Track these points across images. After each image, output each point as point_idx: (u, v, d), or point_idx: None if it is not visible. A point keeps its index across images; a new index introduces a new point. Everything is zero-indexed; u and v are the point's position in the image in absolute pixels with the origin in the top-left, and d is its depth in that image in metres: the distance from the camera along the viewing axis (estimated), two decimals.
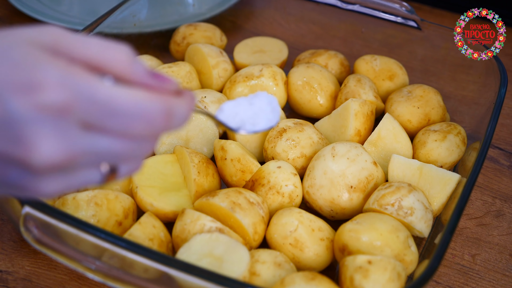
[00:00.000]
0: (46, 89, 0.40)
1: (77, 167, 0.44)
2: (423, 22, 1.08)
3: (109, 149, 0.44)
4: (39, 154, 0.41)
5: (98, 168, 0.46)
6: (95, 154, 0.44)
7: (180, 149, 0.85)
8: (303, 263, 0.76)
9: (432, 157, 0.89)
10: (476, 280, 0.81)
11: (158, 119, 0.45)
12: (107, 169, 0.47)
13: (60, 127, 0.41)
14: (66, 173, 0.44)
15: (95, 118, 0.43)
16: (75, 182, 0.46)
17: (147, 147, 0.47)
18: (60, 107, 0.41)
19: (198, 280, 0.60)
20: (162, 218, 0.79)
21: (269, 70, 1.00)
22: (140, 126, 0.44)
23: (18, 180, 0.44)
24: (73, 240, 0.67)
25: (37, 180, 0.43)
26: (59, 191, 0.45)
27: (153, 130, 0.45)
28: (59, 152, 0.41)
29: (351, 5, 1.12)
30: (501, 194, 0.94)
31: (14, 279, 0.77)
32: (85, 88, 0.42)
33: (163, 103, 0.45)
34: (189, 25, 1.14)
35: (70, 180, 0.45)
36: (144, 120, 0.44)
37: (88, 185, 0.47)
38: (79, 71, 0.42)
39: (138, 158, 0.49)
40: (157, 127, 0.45)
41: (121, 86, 0.44)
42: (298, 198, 0.83)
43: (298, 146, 0.87)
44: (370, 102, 0.95)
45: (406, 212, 0.76)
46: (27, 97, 0.40)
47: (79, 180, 0.46)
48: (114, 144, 0.44)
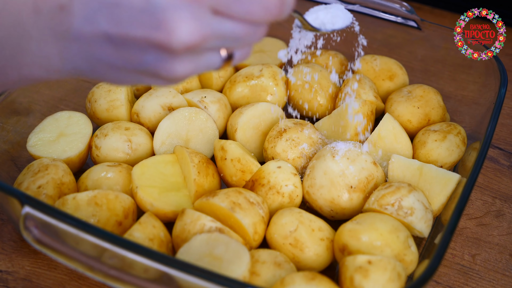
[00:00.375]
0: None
1: (205, 50, 0.51)
2: (423, 22, 1.08)
3: (232, 32, 0.51)
4: (179, 35, 0.47)
5: (218, 53, 0.53)
6: (220, 37, 0.50)
7: (180, 149, 0.85)
8: (303, 263, 0.76)
9: (432, 157, 0.89)
10: (476, 280, 0.81)
11: (274, 5, 0.50)
12: (225, 54, 0.53)
13: (195, 12, 0.47)
14: (195, 56, 0.51)
15: (223, 4, 0.49)
16: (201, 64, 0.52)
17: (260, 33, 0.53)
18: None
19: (198, 280, 0.60)
20: (162, 218, 0.79)
21: (269, 70, 1.00)
22: (260, 12, 0.50)
23: (154, 63, 0.50)
24: (73, 240, 0.67)
25: (171, 62, 0.50)
26: (189, 74, 0.52)
27: (268, 16, 0.51)
28: (195, 33, 0.48)
29: (351, 5, 1.12)
30: (501, 194, 0.94)
31: (14, 279, 0.77)
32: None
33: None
34: None
35: (198, 63, 0.52)
36: (263, 6, 0.50)
37: (209, 69, 0.54)
38: None
39: (250, 44, 0.55)
40: (272, 14, 0.51)
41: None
42: (298, 198, 0.83)
43: (298, 146, 0.87)
44: (370, 102, 0.95)
45: (406, 212, 0.76)
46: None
47: (204, 63, 0.52)
48: (237, 27, 0.50)
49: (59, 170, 0.82)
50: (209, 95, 0.97)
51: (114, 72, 0.53)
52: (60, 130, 0.90)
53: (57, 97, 1.05)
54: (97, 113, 0.96)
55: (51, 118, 0.92)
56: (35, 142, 0.88)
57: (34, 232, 0.68)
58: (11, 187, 0.68)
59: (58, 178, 0.81)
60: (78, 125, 0.91)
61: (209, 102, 0.96)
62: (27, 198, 0.66)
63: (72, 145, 0.88)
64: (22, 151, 0.91)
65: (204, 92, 0.98)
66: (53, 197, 0.79)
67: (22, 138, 0.91)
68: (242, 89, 1.00)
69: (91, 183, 0.82)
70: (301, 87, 1.00)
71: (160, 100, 0.94)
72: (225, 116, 0.97)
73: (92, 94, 0.97)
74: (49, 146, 0.88)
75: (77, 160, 0.89)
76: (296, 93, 1.01)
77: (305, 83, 1.00)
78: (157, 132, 0.91)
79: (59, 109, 1.03)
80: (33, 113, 0.98)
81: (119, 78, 0.54)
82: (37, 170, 0.81)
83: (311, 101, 1.00)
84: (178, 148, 0.86)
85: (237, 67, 1.10)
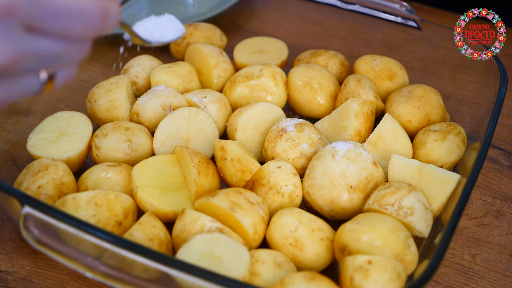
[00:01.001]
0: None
1: (19, 72, 0.45)
2: (423, 22, 1.08)
3: (49, 51, 0.45)
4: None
5: (37, 75, 0.47)
6: (36, 56, 0.45)
7: (180, 149, 0.85)
8: (303, 263, 0.76)
9: (432, 157, 0.89)
10: (476, 280, 0.81)
11: (96, 19, 0.46)
12: (45, 76, 0.48)
13: (4, 30, 0.42)
14: (8, 80, 0.45)
15: (38, 19, 0.43)
16: (16, 89, 0.46)
17: (83, 50, 0.49)
18: (4, 10, 0.41)
19: (198, 280, 0.60)
20: (162, 218, 0.79)
21: (269, 70, 1.00)
22: (80, 26, 0.45)
23: None
24: (73, 240, 0.67)
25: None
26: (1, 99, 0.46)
27: (90, 31, 0.47)
28: (4, 54, 0.42)
29: (351, 5, 1.12)
30: (501, 194, 0.94)
31: (14, 279, 0.77)
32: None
33: (100, 4, 0.47)
34: (189, 25, 1.14)
35: (11, 87, 0.46)
36: (83, 20, 0.45)
37: (27, 93, 0.48)
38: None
39: (73, 62, 0.50)
40: (94, 28, 0.47)
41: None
42: (298, 198, 0.83)
43: (298, 146, 0.87)
44: (370, 102, 0.95)
45: (406, 212, 0.76)
46: None
47: (19, 87, 0.46)
48: (54, 45, 0.45)
49: (59, 170, 0.82)
50: (209, 95, 0.97)
51: None
52: (60, 130, 0.90)
53: (57, 97, 1.05)
54: (97, 113, 0.96)
55: (51, 118, 0.92)
56: (35, 142, 0.88)
57: (34, 232, 0.68)
58: (11, 187, 0.68)
59: (58, 178, 0.81)
60: (78, 125, 0.91)
61: (209, 102, 0.96)
62: (27, 198, 0.66)
63: (72, 145, 0.88)
64: (22, 151, 0.91)
65: (204, 92, 0.98)
66: (53, 197, 0.79)
67: (22, 138, 0.91)
68: (242, 89, 1.00)
69: (91, 183, 0.82)
70: (301, 87, 1.00)
71: (160, 100, 0.94)
72: (225, 116, 0.97)
73: (92, 94, 0.97)
74: (49, 146, 0.88)
75: (77, 160, 0.89)
76: (296, 93, 1.01)
77: (305, 83, 1.00)
78: (157, 132, 0.91)
79: (59, 109, 1.03)
80: (33, 113, 0.98)
81: None
82: (37, 170, 0.81)
83: (311, 101, 1.00)
84: (178, 148, 0.86)
85: (237, 67, 1.10)
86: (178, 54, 1.13)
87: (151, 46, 0.69)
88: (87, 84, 1.08)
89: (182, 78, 1.01)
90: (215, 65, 1.03)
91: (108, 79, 0.99)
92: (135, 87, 1.04)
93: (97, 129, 0.91)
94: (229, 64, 1.06)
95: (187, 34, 1.12)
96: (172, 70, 1.01)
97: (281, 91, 1.00)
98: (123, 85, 0.96)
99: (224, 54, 1.07)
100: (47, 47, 0.45)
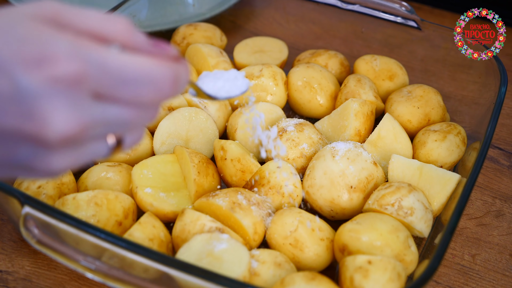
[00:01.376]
0: (57, 61, 0.40)
1: (87, 140, 0.45)
2: (423, 22, 1.08)
3: (118, 118, 0.45)
4: (54, 127, 0.41)
5: (105, 140, 0.47)
6: (104, 124, 0.44)
7: (180, 149, 0.85)
8: (303, 263, 0.76)
9: (432, 157, 0.89)
10: (476, 280, 0.81)
11: (167, 85, 0.45)
12: (113, 141, 0.47)
13: (73, 99, 0.41)
14: (76, 147, 0.44)
15: (107, 87, 0.42)
16: (84, 156, 0.46)
17: (152, 115, 0.48)
18: (72, 78, 0.40)
19: (198, 280, 0.60)
20: (162, 218, 0.79)
21: (269, 70, 1.00)
22: (150, 93, 0.44)
23: (28, 158, 0.43)
24: (73, 240, 0.67)
25: (48, 157, 0.43)
26: (68, 167, 0.45)
27: (161, 97, 0.45)
28: (73, 124, 0.41)
29: (351, 5, 1.12)
30: (501, 194, 0.94)
31: (14, 279, 0.77)
32: (96, 58, 0.41)
33: (171, 69, 0.45)
34: (189, 25, 1.14)
35: (80, 154, 0.45)
36: (154, 87, 0.44)
37: (95, 158, 0.48)
38: (87, 41, 0.42)
39: (141, 127, 0.49)
40: (165, 93, 0.45)
41: (129, 54, 0.43)
42: (298, 198, 0.83)
43: (298, 146, 0.87)
44: (370, 102, 0.95)
45: (406, 212, 0.76)
46: (38, 71, 0.39)
47: (87, 154, 0.46)
48: (123, 112, 0.44)
49: None
50: None
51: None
52: None
53: None
54: None
55: None
56: None
57: (34, 232, 0.68)
58: (11, 187, 0.68)
59: (58, 178, 0.81)
60: None
61: (209, 102, 0.96)
62: (27, 198, 0.66)
63: None
64: None
65: None
66: (53, 197, 0.79)
67: None
68: None
69: (91, 183, 0.82)
70: (301, 87, 1.00)
71: None
72: (225, 116, 0.97)
73: None
74: None
75: None
76: (296, 93, 1.01)
77: (305, 83, 1.00)
78: (157, 132, 0.91)
79: None
80: None
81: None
82: None
83: (311, 101, 1.00)
84: (178, 148, 0.86)
85: (237, 67, 1.10)
86: None
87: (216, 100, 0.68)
88: None
89: None
90: (215, 65, 1.03)
91: None
92: None
93: None
94: (229, 64, 1.06)
95: (187, 34, 1.12)
96: None
97: (281, 91, 1.00)
98: None
99: (224, 54, 1.07)
100: (116, 114, 0.44)
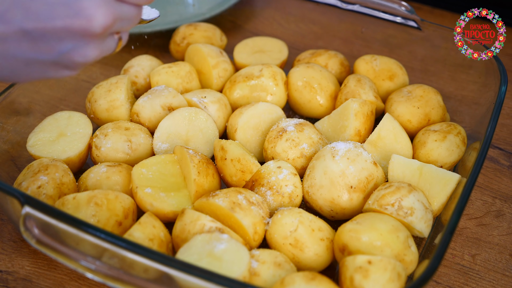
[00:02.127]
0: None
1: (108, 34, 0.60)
2: (423, 22, 1.08)
3: (128, 15, 0.60)
4: (98, 20, 0.55)
5: (113, 37, 0.62)
6: (122, 19, 0.59)
7: (180, 149, 0.85)
8: (303, 263, 0.76)
9: (432, 157, 0.89)
10: (476, 280, 0.81)
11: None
12: (117, 37, 0.63)
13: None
14: (102, 41, 0.59)
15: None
16: (105, 48, 0.60)
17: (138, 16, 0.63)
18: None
19: (198, 280, 0.60)
20: (162, 218, 0.79)
21: (269, 70, 1.00)
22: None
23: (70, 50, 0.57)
24: (73, 240, 0.67)
25: (84, 47, 0.57)
26: (96, 58, 0.59)
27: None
28: (110, 17, 0.56)
29: (351, 5, 1.12)
30: (501, 194, 0.94)
31: (14, 279, 0.77)
32: None
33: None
34: (189, 25, 1.14)
35: (103, 47, 0.60)
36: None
37: (108, 52, 0.62)
38: None
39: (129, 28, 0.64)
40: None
41: None
42: (298, 198, 0.83)
43: (298, 146, 0.87)
44: (370, 102, 0.95)
45: (406, 212, 0.76)
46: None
47: (106, 47, 0.61)
48: (130, 10, 0.60)
49: (59, 170, 0.82)
50: (209, 95, 0.97)
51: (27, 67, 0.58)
52: (60, 130, 0.90)
53: (57, 97, 1.05)
54: (97, 113, 0.96)
55: (51, 118, 0.92)
56: (35, 142, 0.88)
57: (34, 232, 0.68)
58: (11, 187, 0.69)
59: (58, 178, 0.81)
60: (78, 125, 0.91)
61: (209, 102, 0.96)
62: (27, 198, 0.66)
63: (72, 145, 0.88)
64: (22, 151, 0.91)
65: (204, 92, 0.98)
66: (53, 197, 0.79)
67: (22, 138, 0.91)
68: (242, 89, 1.00)
69: (91, 183, 0.82)
70: (301, 87, 1.00)
71: (160, 100, 0.94)
72: (225, 116, 0.97)
73: (92, 94, 0.97)
74: (49, 146, 0.88)
75: (77, 160, 0.89)
76: (296, 93, 1.01)
77: (305, 83, 1.00)
78: (157, 132, 0.91)
79: (59, 109, 1.03)
80: (33, 113, 0.98)
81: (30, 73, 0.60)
82: (37, 170, 0.81)
83: (311, 101, 1.00)
84: (178, 148, 0.86)
85: (237, 67, 1.10)
86: (178, 54, 1.13)
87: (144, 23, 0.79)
88: (87, 84, 1.08)
89: (182, 78, 1.01)
90: (215, 65, 1.03)
91: (108, 79, 0.99)
92: (135, 87, 1.04)
93: (97, 129, 0.91)
94: (229, 64, 1.06)
95: (187, 34, 1.12)
96: (172, 70, 1.01)
97: (281, 91, 1.00)
98: (123, 85, 0.96)
99: (224, 54, 1.07)
100: (127, 12, 0.60)
